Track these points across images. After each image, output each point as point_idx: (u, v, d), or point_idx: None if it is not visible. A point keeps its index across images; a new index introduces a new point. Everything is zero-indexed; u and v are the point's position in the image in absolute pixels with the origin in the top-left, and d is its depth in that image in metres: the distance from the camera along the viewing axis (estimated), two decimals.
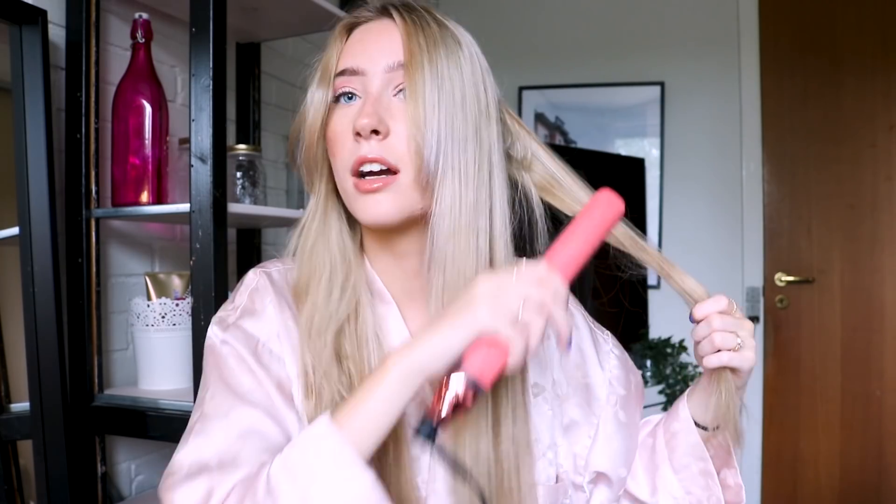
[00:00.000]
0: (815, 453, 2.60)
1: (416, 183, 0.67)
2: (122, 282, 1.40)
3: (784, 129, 2.66)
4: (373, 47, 0.70)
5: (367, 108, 0.67)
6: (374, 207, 0.67)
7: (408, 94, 0.67)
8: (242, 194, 1.43)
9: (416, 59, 0.66)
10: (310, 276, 0.71)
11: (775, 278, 2.67)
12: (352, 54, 0.71)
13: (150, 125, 1.24)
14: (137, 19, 1.25)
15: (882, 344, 2.53)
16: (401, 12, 0.70)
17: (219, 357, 0.69)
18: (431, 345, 0.58)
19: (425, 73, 0.66)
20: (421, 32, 0.68)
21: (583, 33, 2.82)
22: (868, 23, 2.55)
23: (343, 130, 0.69)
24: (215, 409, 0.65)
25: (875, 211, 2.55)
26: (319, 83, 0.72)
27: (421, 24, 0.69)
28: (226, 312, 0.73)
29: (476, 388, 0.57)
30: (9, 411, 1.14)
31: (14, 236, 1.12)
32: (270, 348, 0.69)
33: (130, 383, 1.36)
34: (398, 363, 0.58)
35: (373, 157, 0.66)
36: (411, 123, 0.66)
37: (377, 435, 0.58)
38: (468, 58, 0.70)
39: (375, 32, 0.71)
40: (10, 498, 1.12)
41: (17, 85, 1.11)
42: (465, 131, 0.67)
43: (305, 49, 2.05)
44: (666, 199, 2.79)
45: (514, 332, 0.57)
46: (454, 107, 0.67)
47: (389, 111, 0.67)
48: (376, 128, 0.66)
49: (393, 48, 0.69)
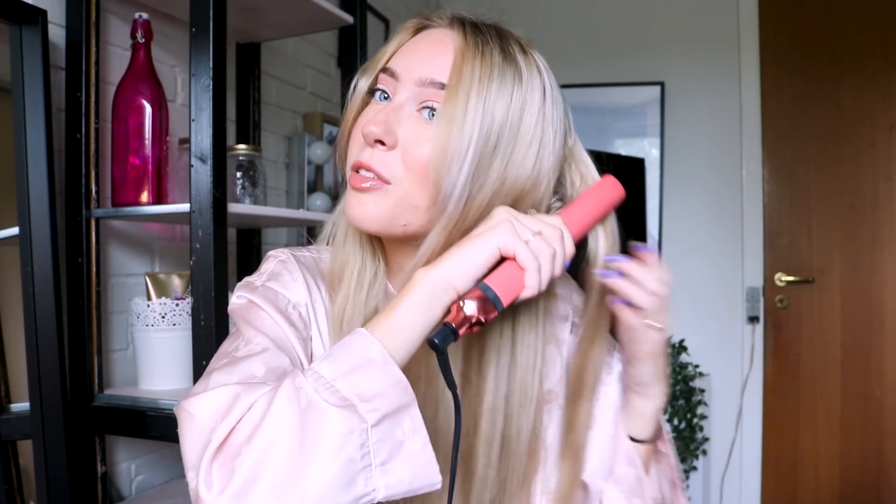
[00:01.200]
0: (815, 453, 2.60)
1: (407, 202, 0.65)
2: (122, 282, 1.40)
3: (784, 129, 2.66)
4: (416, 55, 0.67)
5: (380, 116, 0.65)
6: (359, 207, 0.66)
7: (442, 119, 0.63)
8: (242, 194, 1.43)
9: (464, 85, 0.63)
10: (343, 265, 0.72)
11: (775, 278, 2.67)
12: (400, 55, 0.68)
13: (150, 125, 1.24)
14: (137, 19, 1.25)
15: (882, 344, 2.53)
16: (465, 30, 0.66)
17: (248, 317, 0.67)
18: (456, 259, 0.59)
19: (468, 102, 0.62)
20: (478, 58, 0.64)
21: (583, 33, 2.82)
22: (868, 23, 2.55)
23: None
24: (248, 353, 0.63)
25: (875, 211, 2.55)
26: (365, 72, 0.70)
27: (483, 49, 0.64)
28: (252, 278, 0.72)
29: (495, 301, 0.59)
30: (9, 411, 1.14)
31: (14, 236, 1.12)
32: (300, 311, 0.69)
33: (130, 383, 1.36)
34: (425, 276, 0.58)
35: (367, 164, 0.65)
36: (438, 150, 0.63)
37: (406, 347, 0.57)
38: (529, 101, 0.65)
39: (428, 42, 0.68)
40: (10, 498, 1.12)
41: (17, 85, 1.11)
42: (486, 174, 0.64)
43: (305, 49, 2.05)
44: (666, 199, 2.79)
45: (529, 255, 0.59)
46: (487, 146, 0.63)
47: (403, 125, 0.65)
48: (381, 138, 0.64)
49: (437, 63, 0.65)
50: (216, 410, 0.52)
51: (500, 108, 0.64)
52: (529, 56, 0.67)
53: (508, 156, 0.64)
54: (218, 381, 0.57)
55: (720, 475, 2.68)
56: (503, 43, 0.66)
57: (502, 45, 0.66)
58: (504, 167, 0.64)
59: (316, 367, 0.53)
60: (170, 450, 1.50)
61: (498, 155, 0.64)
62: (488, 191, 0.64)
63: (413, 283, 0.58)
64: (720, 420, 2.70)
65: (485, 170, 0.64)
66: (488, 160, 0.63)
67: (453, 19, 0.68)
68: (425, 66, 0.66)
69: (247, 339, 0.64)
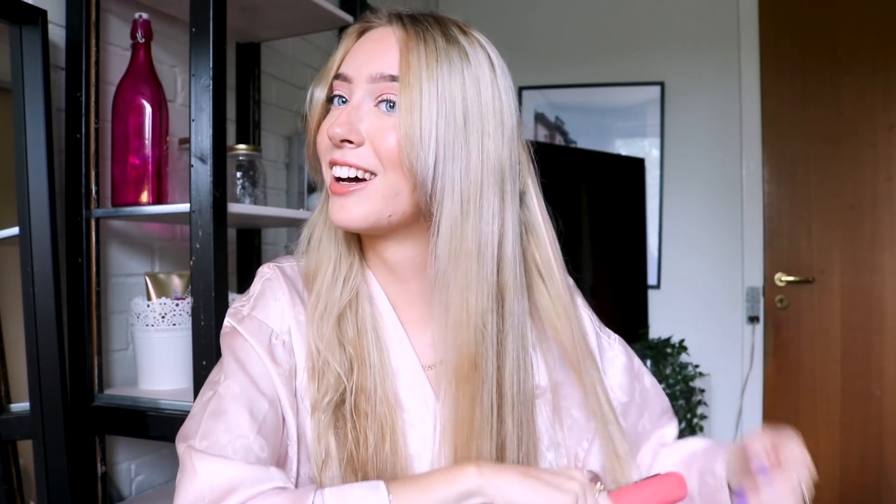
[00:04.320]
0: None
1: (390, 190, 0.68)
2: (122, 282, 1.40)
3: (784, 129, 2.66)
4: (363, 56, 0.70)
5: (342, 118, 0.68)
6: (343, 211, 0.69)
7: (401, 107, 0.65)
8: (242, 194, 1.43)
9: (414, 72, 0.66)
10: (317, 266, 0.74)
11: (775, 278, 2.67)
12: (348, 59, 0.71)
13: (150, 125, 1.24)
14: (137, 19, 1.25)
15: (882, 344, 2.53)
16: (404, 23, 0.69)
17: (233, 346, 0.70)
18: (509, 485, 0.59)
19: (422, 87, 0.65)
20: (423, 45, 0.67)
21: (583, 33, 2.82)
22: (868, 23, 2.55)
23: None
24: (227, 391, 0.66)
25: (875, 211, 2.55)
26: (319, 82, 0.73)
27: (425, 36, 0.67)
28: (240, 303, 0.74)
29: None
30: (9, 411, 1.14)
31: (14, 236, 1.12)
32: (283, 339, 0.71)
33: (130, 383, 1.36)
34: (474, 479, 0.59)
35: (343, 160, 0.68)
36: (404, 138, 0.65)
37: None
38: (481, 77, 0.68)
39: (372, 41, 0.70)
40: (10, 498, 1.12)
41: (17, 85, 1.11)
42: (466, 152, 0.66)
43: (305, 49, 2.05)
44: (666, 199, 2.79)
45: None
46: (455, 126, 0.66)
47: (364, 121, 0.68)
48: (347, 137, 0.67)
49: (383, 59, 0.68)
50: (214, 485, 0.58)
51: (455, 87, 0.66)
52: (470, 35, 0.70)
53: (481, 129, 0.67)
54: (217, 444, 0.61)
55: None
56: (443, 28, 0.69)
57: (442, 29, 0.69)
58: (481, 140, 0.67)
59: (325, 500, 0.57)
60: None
61: (472, 131, 0.67)
62: (476, 168, 0.66)
63: (459, 472, 0.59)
64: (720, 420, 2.70)
65: (462, 146, 0.66)
66: (462, 137, 0.66)
67: (391, 16, 0.71)
68: (374, 63, 0.68)
69: (227, 373, 0.68)
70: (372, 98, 0.68)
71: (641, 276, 2.73)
